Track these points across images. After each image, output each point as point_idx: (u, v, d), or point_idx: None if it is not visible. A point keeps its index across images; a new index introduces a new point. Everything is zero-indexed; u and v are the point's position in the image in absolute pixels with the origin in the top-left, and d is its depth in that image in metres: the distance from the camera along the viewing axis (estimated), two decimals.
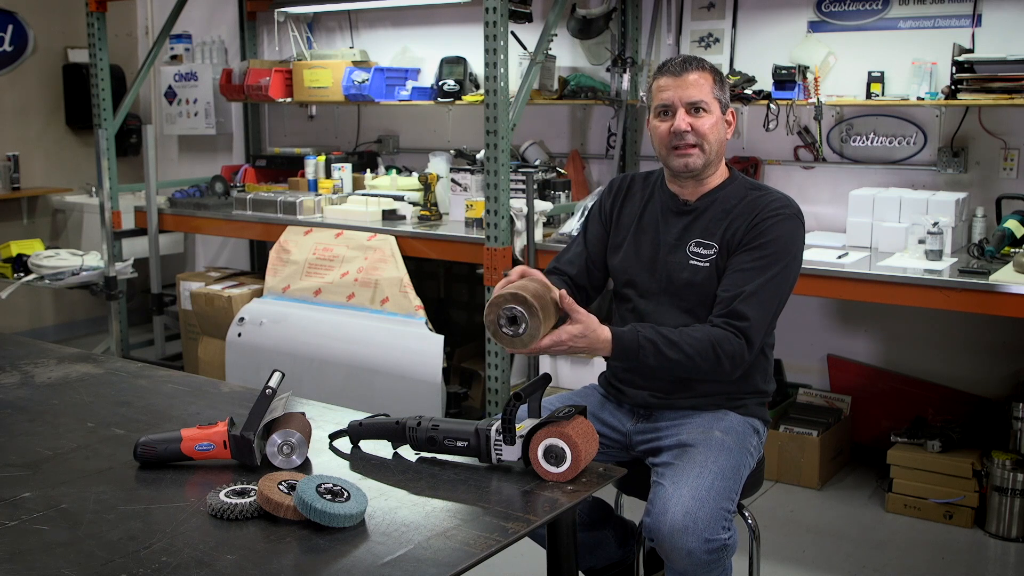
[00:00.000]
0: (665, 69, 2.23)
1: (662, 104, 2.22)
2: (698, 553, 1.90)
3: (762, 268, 2.14)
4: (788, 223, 2.19)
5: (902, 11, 3.89)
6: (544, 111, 4.75)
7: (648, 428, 2.26)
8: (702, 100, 2.19)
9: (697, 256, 2.23)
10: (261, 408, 1.77)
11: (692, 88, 2.19)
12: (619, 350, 2.06)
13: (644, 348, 2.06)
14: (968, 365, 3.91)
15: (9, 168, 5.72)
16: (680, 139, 2.19)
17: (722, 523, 1.95)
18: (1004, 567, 3.29)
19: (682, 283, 2.23)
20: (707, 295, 2.20)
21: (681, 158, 2.22)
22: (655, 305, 2.27)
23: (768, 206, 2.20)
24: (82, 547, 1.48)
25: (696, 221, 2.26)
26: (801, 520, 3.57)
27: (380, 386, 4.01)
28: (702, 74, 2.20)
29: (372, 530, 1.54)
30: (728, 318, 2.11)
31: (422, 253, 4.24)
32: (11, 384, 2.33)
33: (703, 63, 2.24)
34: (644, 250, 2.31)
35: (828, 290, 3.43)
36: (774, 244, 2.16)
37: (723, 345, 2.08)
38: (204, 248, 6.26)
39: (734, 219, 2.22)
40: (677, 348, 2.07)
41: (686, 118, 2.19)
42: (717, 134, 2.22)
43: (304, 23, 5.49)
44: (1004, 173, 3.76)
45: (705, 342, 2.08)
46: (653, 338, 2.07)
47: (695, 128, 2.19)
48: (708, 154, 2.22)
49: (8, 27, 5.78)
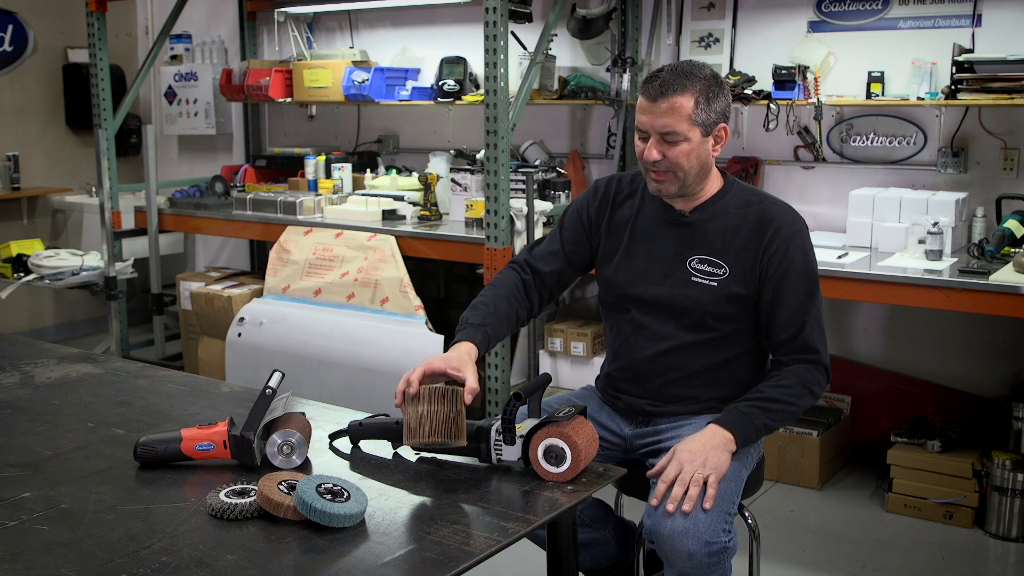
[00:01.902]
0: (646, 89, 2.12)
1: (638, 127, 2.16)
2: (699, 556, 1.90)
3: (804, 293, 2.15)
4: (803, 237, 2.19)
5: (902, 11, 3.89)
6: (544, 111, 4.75)
7: (648, 432, 2.25)
8: (674, 131, 2.08)
9: (701, 274, 2.18)
10: (261, 408, 1.77)
11: (665, 116, 2.08)
12: (737, 430, 2.04)
13: (753, 414, 2.07)
14: (968, 365, 3.91)
15: (9, 168, 5.72)
16: (653, 166, 2.14)
17: (723, 526, 1.94)
18: (1004, 567, 3.29)
19: (685, 300, 2.19)
20: (709, 316, 2.18)
21: (654, 183, 2.17)
22: (653, 318, 2.23)
23: (780, 226, 2.17)
24: (82, 547, 1.48)
25: (695, 235, 2.21)
26: (801, 520, 3.57)
27: (380, 386, 4.01)
28: (682, 97, 2.07)
29: (372, 530, 1.54)
30: (801, 356, 2.14)
31: (422, 253, 4.24)
32: (11, 384, 2.33)
33: (688, 82, 2.08)
34: (639, 262, 2.26)
35: (828, 290, 3.40)
36: (803, 265, 2.17)
37: (809, 380, 2.13)
38: (204, 248, 6.26)
39: (742, 238, 2.17)
40: (778, 403, 2.10)
41: (657, 147, 2.10)
42: (693, 160, 2.12)
43: (304, 23, 5.49)
44: (1004, 173, 3.77)
45: (798, 386, 2.12)
46: (754, 407, 2.08)
47: (667, 156, 2.10)
48: (683, 179, 2.14)
49: (8, 27, 5.79)
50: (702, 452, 1.96)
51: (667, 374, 2.23)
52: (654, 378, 2.24)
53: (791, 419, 2.15)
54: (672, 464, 1.96)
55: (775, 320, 2.16)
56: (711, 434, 2.01)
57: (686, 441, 2.00)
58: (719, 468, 1.96)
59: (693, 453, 1.96)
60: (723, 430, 2.02)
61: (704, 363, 2.21)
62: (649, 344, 2.24)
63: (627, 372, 2.28)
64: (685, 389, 2.23)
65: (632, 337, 2.27)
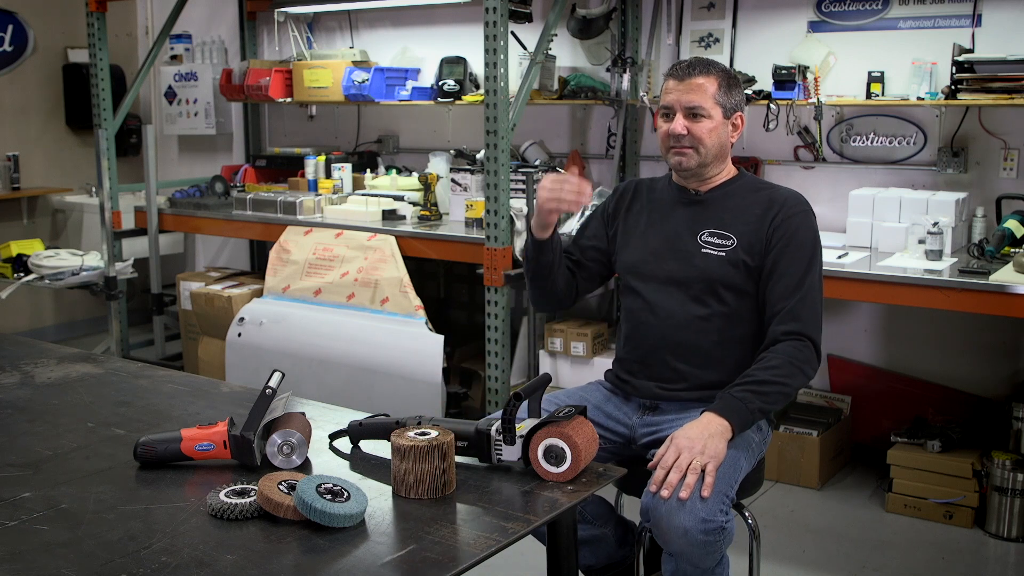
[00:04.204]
0: (673, 71, 2.29)
1: (665, 106, 2.30)
2: (694, 532, 1.90)
3: (802, 269, 2.22)
4: (810, 218, 2.29)
5: (902, 11, 3.89)
6: (544, 111, 4.75)
7: (652, 421, 2.30)
8: (701, 106, 2.25)
9: (710, 245, 2.28)
10: (261, 408, 1.77)
11: (693, 93, 2.24)
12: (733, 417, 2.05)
13: (746, 399, 2.08)
14: (968, 365, 3.91)
15: (9, 168, 5.73)
16: (676, 141, 2.27)
17: (720, 506, 1.95)
18: (1004, 567, 3.29)
19: (694, 271, 2.28)
20: (717, 284, 2.26)
21: (676, 156, 2.30)
22: (664, 295, 2.31)
23: (787, 203, 2.28)
24: (82, 547, 1.48)
25: (706, 211, 2.33)
26: (801, 520, 3.57)
27: (380, 386, 4.01)
28: (707, 78, 2.25)
29: (372, 530, 1.54)
30: (788, 328, 2.17)
31: (422, 253, 4.24)
32: (11, 384, 2.33)
33: (712, 68, 2.28)
34: (653, 241, 2.36)
35: (828, 290, 3.35)
36: (805, 241, 2.24)
37: (797, 357, 2.15)
38: (204, 248, 6.26)
39: (750, 214, 2.28)
40: (769, 384, 2.11)
41: (683, 121, 2.26)
42: (715, 138, 2.27)
43: (304, 23, 5.49)
44: (1004, 173, 3.76)
45: (787, 365, 2.13)
46: (746, 391, 2.10)
47: (691, 132, 2.26)
48: (703, 156, 2.28)
49: (8, 27, 5.79)
50: (700, 439, 1.99)
51: (675, 351, 2.29)
52: (663, 355, 2.30)
53: (785, 400, 2.19)
54: (670, 450, 1.99)
55: (772, 289, 2.23)
56: (707, 422, 2.03)
57: (684, 428, 2.03)
58: (717, 456, 1.98)
59: (692, 440, 1.98)
60: (719, 418, 2.04)
61: (712, 340, 2.27)
62: (659, 322, 2.31)
63: (637, 353, 2.35)
64: (693, 367, 2.27)
65: (643, 316, 2.34)
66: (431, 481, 1.65)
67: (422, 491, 1.65)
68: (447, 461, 1.67)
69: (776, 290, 2.22)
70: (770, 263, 2.24)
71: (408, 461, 1.65)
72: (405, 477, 1.66)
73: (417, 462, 1.64)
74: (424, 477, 1.65)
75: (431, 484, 1.65)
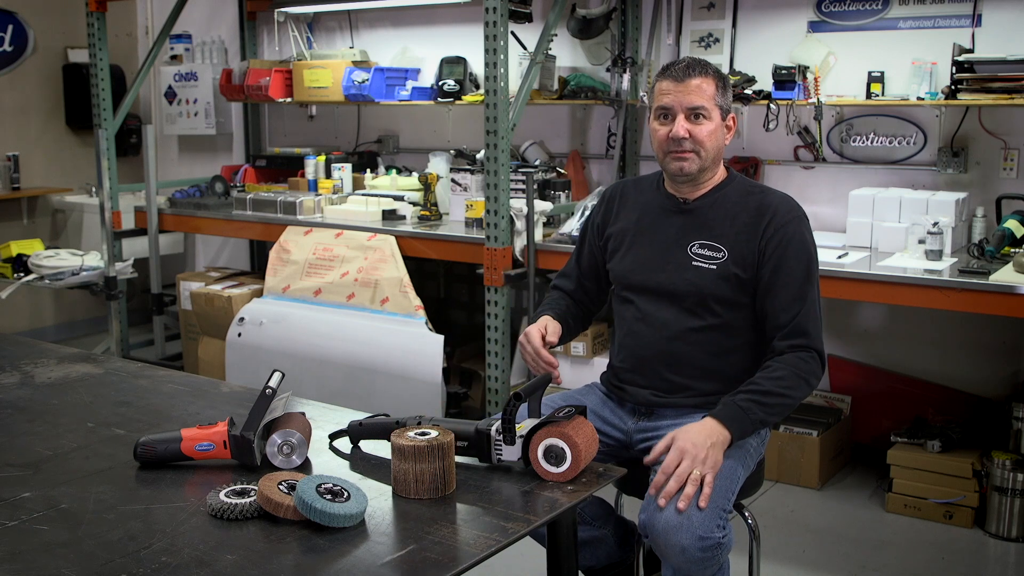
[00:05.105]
0: (668, 72, 2.23)
1: (662, 107, 2.23)
2: (692, 550, 1.90)
3: (801, 279, 2.18)
4: (803, 224, 2.23)
5: (902, 11, 3.89)
6: (544, 111, 4.75)
7: (649, 427, 2.27)
8: (702, 107, 2.19)
9: (701, 258, 2.23)
10: (261, 408, 1.77)
11: (693, 94, 2.19)
12: (734, 426, 2.04)
13: (750, 410, 2.07)
14: (968, 365, 3.91)
15: (9, 168, 5.73)
16: (678, 145, 2.21)
17: (717, 522, 1.95)
18: (1004, 567, 3.29)
19: (685, 284, 2.23)
20: (709, 298, 2.21)
21: (677, 162, 2.24)
22: (656, 306, 2.28)
23: (779, 210, 2.22)
24: (82, 547, 1.48)
25: (696, 220, 2.27)
26: (801, 520, 3.57)
27: (380, 386, 4.01)
28: (705, 79, 2.20)
29: (372, 530, 1.54)
30: (796, 342, 2.15)
31: (422, 253, 4.24)
32: (11, 384, 2.33)
33: (707, 68, 2.23)
34: (643, 251, 2.32)
35: (828, 290, 3.42)
36: (801, 250, 2.20)
37: (803, 369, 2.13)
38: (204, 248, 6.26)
39: (740, 222, 2.23)
40: (773, 395, 2.09)
41: (685, 124, 2.20)
42: (715, 141, 2.23)
43: (304, 23, 5.49)
44: (1004, 173, 3.77)
45: (792, 376, 2.11)
46: (751, 401, 2.08)
47: (693, 135, 2.20)
48: (704, 160, 2.23)
49: (8, 27, 5.79)
50: (703, 447, 1.97)
51: (670, 362, 2.26)
52: (657, 366, 2.27)
53: (787, 411, 2.17)
54: (673, 453, 1.97)
55: (772, 303, 2.18)
56: (710, 430, 2.01)
57: (687, 430, 2.01)
58: (717, 465, 1.98)
59: (696, 447, 1.97)
60: (720, 426, 2.02)
61: (706, 351, 2.24)
62: (652, 332, 2.28)
63: (631, 362, 2.32)
64: (687, 378, 2.25)
65: (636, 326, 2.31)
66: (431, 481, 1.65)
67: (422, 491, 1.65)
68: (447, 461, 1.67)
69: (776, 303, 2.18)
70: (767, 275, 2.19)
71: (408, 461, 1.65)
72: (405, 477, 1.66)
73: (417, 462, 1.64)
74: (424, 477, 1.65)
75: (431, 484, 1.65)
